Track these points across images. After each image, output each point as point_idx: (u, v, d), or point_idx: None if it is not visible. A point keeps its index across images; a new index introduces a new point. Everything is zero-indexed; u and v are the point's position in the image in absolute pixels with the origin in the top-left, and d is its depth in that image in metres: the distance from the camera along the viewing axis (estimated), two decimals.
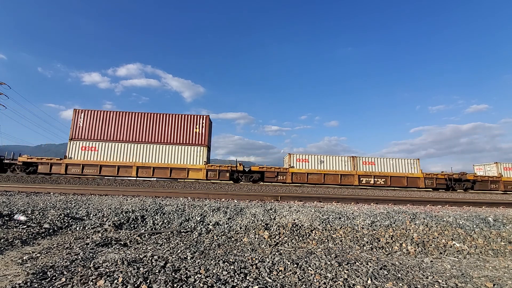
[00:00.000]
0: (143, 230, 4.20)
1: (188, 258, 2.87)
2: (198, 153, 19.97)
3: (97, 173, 19.07)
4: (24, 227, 3.98)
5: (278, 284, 2.32)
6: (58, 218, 4.32)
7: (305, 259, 3.00)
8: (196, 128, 20.41)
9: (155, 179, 19.45)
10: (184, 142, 20.18)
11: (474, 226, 4.71)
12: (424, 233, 4.30)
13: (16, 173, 18.91)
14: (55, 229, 4.02)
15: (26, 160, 18.98)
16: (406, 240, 4.10)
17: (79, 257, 2.72)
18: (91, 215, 4.62)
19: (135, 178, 18.99)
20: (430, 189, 20.52)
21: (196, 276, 2.33)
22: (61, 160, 19.18)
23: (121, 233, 3.94)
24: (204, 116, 20.71)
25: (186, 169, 19.58)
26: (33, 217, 4.35)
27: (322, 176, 20.49)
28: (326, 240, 4.03)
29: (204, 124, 20.52)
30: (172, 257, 2.83)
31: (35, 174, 18.62)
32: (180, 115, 20.66)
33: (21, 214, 4.40)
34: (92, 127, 20.00)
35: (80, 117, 20.08)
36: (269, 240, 3.93)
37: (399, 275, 2.73)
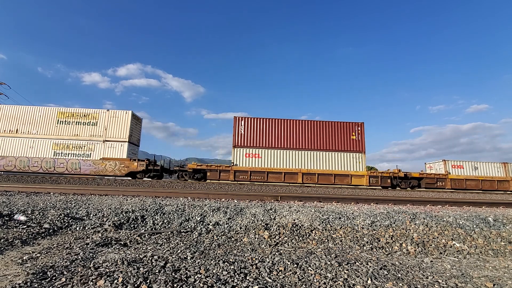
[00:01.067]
0: (143, 230, 4.20)
1: (188, 258, 2.88)
2: (358, 159, 20.42)
3: (264, 180, 19.54)
4: (24, 227, 3.99)
5: (278, 284, 2.32)
6: (58, 218, 4.32)
7: (305, 259, 3.01)
8: (352, 135, 20.86)
9: (317, 185, 19.97)
10: (343, 149, 20.62)
11: (474, 226, 4.71)
12: (424, 233, 4.31)
13: (184, 179, 19.35)
14: (55, 229, 4.02)
15: (196, 167, 19.38)
16: (406, 240, 4.10)
17: (79, 257, 2.72)
18: (91, 215, 4.62)
19: (300, 184, 19.36)
20: (378, 188, 20.47)
21: (196, 276, 2.33)
22: (229, 167, 19.42)
23: (121, 233, 3.94)
24: (360, 123, 21.07)
25: (349, 175, 19.93)
26: (33, 217, 4.35)
27: (480, 182, 21.50)
28: (326, 240, 4.03)
29: (360, 131, 20.97)
30: (172, 257, 2.83)
31: (203, 181, 19.13)
32: (337, 123, 21.04)
33: (21, 214, 4.40)
34: (253, 134, 20.55)
35: (241, 124, 20.62)
36: (269, 240, 3.93)
37: (399, 275, 2.73)
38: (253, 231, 4.25)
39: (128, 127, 20.01)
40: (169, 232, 4.12)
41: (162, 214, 4.76)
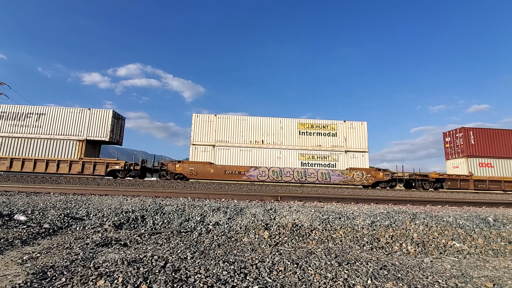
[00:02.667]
0: (143, 230, 4.20)
1: (188, 258, 2.88)
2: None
3: (502, 189, 19.89)
4: (24, 227, 3.99)
5: (278, 284, 2.32)
6: (58, 218, 4.32)
7: (305, 259, 3.00)
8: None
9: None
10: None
11: (474, 226, 4.71)
12: (424, 233, 4.30)
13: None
14: (55, 229, 4.02)
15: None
16: (406, 240, 4.10)
17: (79, 257, 2.72)
18: (91, 215, 4.62)
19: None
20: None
21: (196, 276, 2.33)
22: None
23: (121, 233, 3.94)
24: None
25: None
26: (33, 217, 4.35)
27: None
28: (326, 240, 4.03)
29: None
30: (172, 257, 2.83)
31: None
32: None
33: (21, 214, 4.40)
34: (484, 144, 20.98)
35: (471, 135, 21.05)
36: (269, 240, 3.93)
37: (399, 275, 2.73)
38: (253, 231, 4.25)
39: (366, 137, 20.28)
40: (169, 232, 4.12)
41: (162, 214, 4.76)
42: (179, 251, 3.11)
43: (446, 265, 3.26)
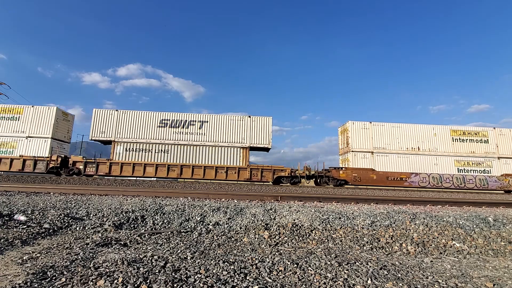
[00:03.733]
0: (143, 230, 4.20)
1: (188, 258, 2.88)
2: None
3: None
4: (24, 227, 3.98)
5: (278, 284, 2.32)
6: (58, 218, 4.32)
7: (305, 259, 3.00)
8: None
9: None
10: None
11: (474, 226, 4.71)
12: (424, 233, 4.30)
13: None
14: (55, 229, 4.02)
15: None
16: (406, 240, 4.10)
17: (79, 257, 2.72)
18: (91, 215, 4.62)
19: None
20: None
21: (196, 276, 2.33)
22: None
23: (121, 233, 3.94)
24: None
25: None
26: (33, 217, 4.35)
27: None
28: (326, 240, 4.03)
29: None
30: (172, 257, 2.83)
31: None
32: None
33: (21, 214, 4.40)
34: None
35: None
36: (269, 240, 3.93)
37: (399, 275, 2.73)
38: (253, 231, 4.25)
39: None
40: (169, 232, 4.12)
41: (162, 214, 4.76)
42: (179, 251, 3.11)
43: (446, 265, 3.26)
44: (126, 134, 19.50)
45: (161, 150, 19.38)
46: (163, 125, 19.80)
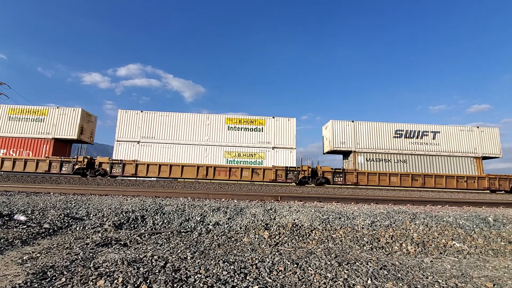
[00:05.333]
0: (143, 230, 4.20)
1: (188, 258, 2.88)
2: None
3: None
4: (24, 227, 3.98)
5: (278, 284, 2.32)
6: (58, 218, 4.32)
7: (305, 259, 3.00)
8: None
9: None
10: None
11: (474, 226, 4.71)
12: (424, 233, 4.30)
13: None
14: (55, 229, 4.02)
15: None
16: (406, 240, 4.10)
17: (79, 257, 2.72)
18: (91, 215, 4.62)
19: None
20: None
21: (196, 276, 2.33)
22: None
23: (121, 233, 3.94)
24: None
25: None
26: (33, 217, 4.35)
27: None
28: (326, 240, 4.03)
29: None
30: (172, 257, 2.83)
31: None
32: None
33: (21, 214, 4.40)
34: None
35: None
36: (269, 240, 3.93)
37: (399, 275, 2.73)
38: (253, 231, 4.25)
39: None
40: (169, 232, 4.12)
41: (162, 214, 4.76)
42: (179, 251, 3.11)
43: (446, 265, 3.26)
44: (366, 145, 20.30)
45: (400, 160, 20.13)
46: (398, 135, 20.61)
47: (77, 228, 4.14)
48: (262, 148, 19.66)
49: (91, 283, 2.10)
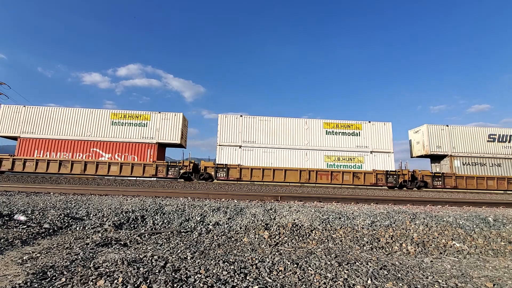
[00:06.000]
0: (143, 230, 4.20)
1: (188, 258, 2.88)
2: None
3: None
4: (24, 227, 3.98)
5: (278, 284, 2.32)
6: (58, 218, 4.32)
7: (305, 259, 3.01)
8: None
9: None
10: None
11: (474, 226, 4.71)
12: (424, 233, 4.30)
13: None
14: (55, 229, 4.02)
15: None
16: (406, 240, 4.10)
17: (79, 257, 2.72)
18: (91, 215, 4.62)
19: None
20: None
21: (196, 276, 2.33)
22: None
23: (121, 233, 3.94)
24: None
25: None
26: (33, 217, 4.35)
27: None
28: (326, 240, 4.03)
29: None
30: (172, 257, 2.83)
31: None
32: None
33: (21, 214, 4.40)
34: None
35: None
36: (269, 240, 3.93)
37: (399, 275, 2.73)
38: (253, 231, 4.25)
39: None
40: (169, 232, 4.12)
41: (162, 214, 4.76)
42: (179, 251, 3.11)
43: (446, 265, 3.26)
44: (461, 149, 20.66)
45: (494, 164, 20.46)
46: (491, 139, 20.96)
47: (77, 228, 4.14)
48: (360, 152, 19.91)
49: (91, 283, 2.10)
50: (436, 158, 21.71)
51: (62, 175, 18.54)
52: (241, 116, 20.09)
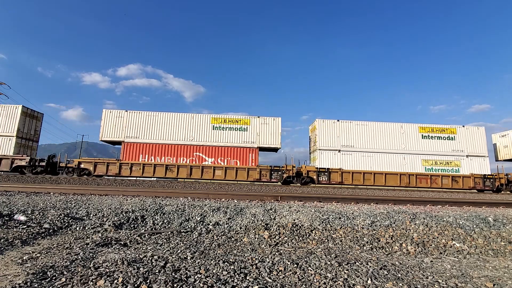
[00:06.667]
0: (143, 230, 4.20)
1: (188, 258, 2.88)
2: None
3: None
4: (24, 227, 3.98)
5: (278, 284, 2.32)
6: (58, 218, 4.32)
7: (305, 259, 3.01)
8: None
9: None
10: None
11: (474, 226, 4.71)
12: (424, 233, 4.31)
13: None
14: (55, 229, 4.02)
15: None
16: (406, 240, 4.10)
17: (79, 257, 2.72)
18: (91, 215, 4.62)
19: None
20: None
21: (196, 276, 2.33)
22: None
23: (121, 233, 3.94)
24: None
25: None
26: (33, 217, 4.35)
27: None
28: (326, 240, 4.03)
29: None
30: (172, 257, 2.83)
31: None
32: None
33: (21, 214, 4.40)
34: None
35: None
36: (269, 240, 3.93)
37: (399, 275, 2.73)
38: (253, 231, 4.25)
39: None
40: (169, 232, 4.12)
41: (162, 214, 4.76)
42: (179, 251, 3.11)
43: (446, 265, 3.26)
44: None
45: None
46: None
47: (77, 228, 4.14)
48: (456, 156, 20.25)
49: (91, 283, 2.10)
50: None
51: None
52: (338, 121, 20.67)
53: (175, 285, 2.13)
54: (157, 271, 2.38)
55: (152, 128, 20.05)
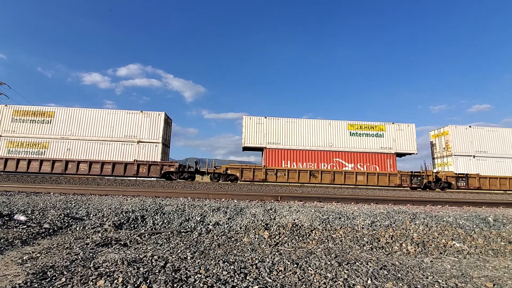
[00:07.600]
0: (143, 230, 4.20)
1: (188, 258, 2.88)
2: None
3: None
4: (24, 227, 3.98)
5: (278, 284, 2.32)
6: (58, 218, 4.32)
7: (305, 259, 3.01)
8: None
9: None
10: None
11: (474, 226, 4.71)
12: (424, 233, 4.31)
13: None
14: (55, 229, 4.02)
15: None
16: (406, 240, 4.10)
17: (79, 257, 2.72)
18: (91, 215, 4.62)
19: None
20: None
21: (196, 276, 2.33)
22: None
23: (121, 233, 3.94)
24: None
25: None
26: (33, 217, 4.35)
27: None
28: (326, 240, 4.03)
29: None
30: (172, 257, 2.83)
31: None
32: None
33: (21, 214, 4.40)
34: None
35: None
36: (269, 240, 3.93)
37: (399, 275, 2.73)
38: (253, 231, 4.25)
39: None
40: (169, 232, 4.12)
41: (162, 214, 4.76)
42: (179, 251, 3.11)
43: (446, 265, 3.26)
44: None
45: None
46: None
47: (77, 228, 4.14)
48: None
49: (91, 283, 2.10)
50: None
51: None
52: (469, 127, 21.59)
53: (175, 285, 2.13)
54: (157, 271, 2.38)
55: (291, 134, 20.76)
